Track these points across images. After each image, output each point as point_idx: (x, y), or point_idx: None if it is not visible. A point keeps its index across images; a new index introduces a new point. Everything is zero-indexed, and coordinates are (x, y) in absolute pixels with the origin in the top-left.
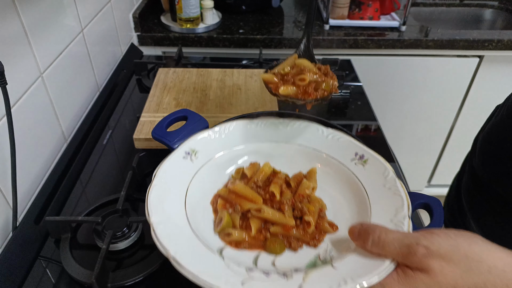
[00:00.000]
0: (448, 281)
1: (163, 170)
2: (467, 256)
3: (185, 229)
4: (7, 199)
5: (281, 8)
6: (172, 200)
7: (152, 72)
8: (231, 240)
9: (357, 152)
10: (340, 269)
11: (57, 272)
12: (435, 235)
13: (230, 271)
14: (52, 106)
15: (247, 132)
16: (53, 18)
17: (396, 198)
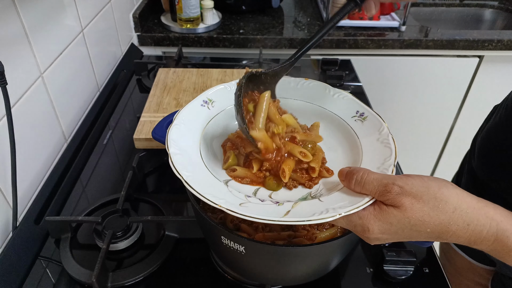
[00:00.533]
0: (416, 216)
1: (182, 114)
2: (435, 196)
3: (197, 161)
4: (7, 199)
5: (281, 8)
6: (189, 138)
7: (152, 72)
8: (235, 175)
9: (358, 110)
10: (326, 202)
11: (57, 272)
12: (410, 177)
13: (231, 195)
14: (52, 106)
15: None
16: (53, 18)
17: (386, 150)
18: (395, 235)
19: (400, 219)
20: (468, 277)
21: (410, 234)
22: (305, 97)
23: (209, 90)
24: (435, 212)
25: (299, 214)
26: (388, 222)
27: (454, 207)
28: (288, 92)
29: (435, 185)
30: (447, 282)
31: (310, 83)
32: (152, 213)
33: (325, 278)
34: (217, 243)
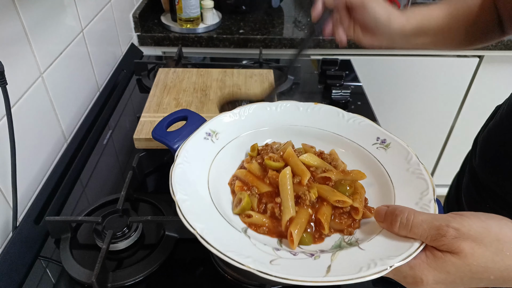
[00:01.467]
0: (478, 263)
1: (185, 150)
2: (498, 238)
3: (209, 207)
4: (7, 199)
5: (281, 8)
6: (195, 179)
7: (152, 72)
8: (251, 221)
9: (379, 137)
10: (368, 250)
11: (57, 272)
12: (465, 217)
13: (258, 250)
14: (52, 106)
15: (267, 114)
16: (53, 18)
17: (420, 182)
18: (452, 284)
19: (459, 266)
20: None
21: (470, 283)
22: (316, 123)
23: (212, 120)
24: (500, 256)
25: (342, 269)
26: (445, 271)
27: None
28: (297, 118)
29: (495, 225)
30: None
31: (320, 107)
32: (152, 213)
33: None
34: None
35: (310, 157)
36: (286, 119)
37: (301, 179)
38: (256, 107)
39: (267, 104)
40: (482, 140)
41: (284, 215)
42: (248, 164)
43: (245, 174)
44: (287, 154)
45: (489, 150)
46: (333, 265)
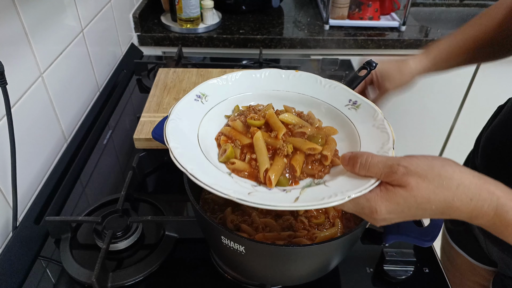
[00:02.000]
0: (422, 194)
1: (177, 108)
2: (440, 174)
3: (199, 155)
4: (7, 199)
5: (281, 8)
6: (186, 133)
7: (152, 72)
8: (234, 167)
9: (351, 99)
10: (332, 187)
11: (57, 272)
12: (414, 157)
13: (238, 185)
14: (52, 106)
15: (252, 80)
16: (53, 18)
17: (383, 135)
18: (402, 214)
19: (407, 198)
20: (469, 277)
21: (415, 213)
22: (296, 88)
23: (202, 84)
24: (440, 189)
25: (309, 199)
26: (395, 202)
27: (457, 184)
28: (279, 84)
29: (438, 164)
30: (447, 282)
31: (301, 74)
32: (152, 213)
33: (325, 278)
34: (217, 243)
35: (289, 116)
36: (270, 84)
37: (277, 133)
38: (242, 74)
39: (252, 71)
40: (485, 140)
41: (261, 167)
42: (232, 122)
43: (229, 130)
44: (269, 115)
45: (492, 150)
46: (301, 196)
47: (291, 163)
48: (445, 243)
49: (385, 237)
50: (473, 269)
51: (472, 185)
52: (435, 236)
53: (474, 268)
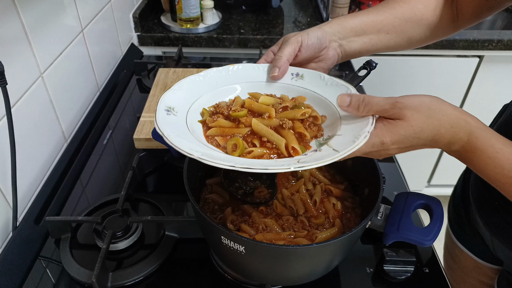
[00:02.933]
0: (417, 124)
1: (160, 124)
2: (429, 107)
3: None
4: (7, 199)
5: (281, 8)
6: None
7: (152, 72)
8: (254, 155)
9: (293, 72)
10: (343, 135)
11: (57, 272)
12: (408, 96)
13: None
14: (52, 106)
15: (201, 84)
16: (53, 18)
17: (340, 87)
18: (402, 144)
19: (406, 128)
20: (473, 276)
21: (412, 142)
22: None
23: (163, 99)
24: (430, 119)
25: (321, 156)
26: (398, 133)
27: (442, 114)
28: (256, 76)
29: (427, 99)
30: (447, 282)
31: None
32: (152, 213)
33: (325, 278)
34: (217, 243)
35: (266, 98)
36: (249, 77)
37: (269, 114)
38: (216, 71)
39: (222, 68)
40: None
41: (280, 144)
42: (215, 122)
43: (218, 130)
44: (248, 103)
45: None
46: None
47: (298, 131)
48: (449, 241)
49: (385, 237)
50: (478, 267)
51: (453, 116)
52: (435, 236)
53: (479, 267)
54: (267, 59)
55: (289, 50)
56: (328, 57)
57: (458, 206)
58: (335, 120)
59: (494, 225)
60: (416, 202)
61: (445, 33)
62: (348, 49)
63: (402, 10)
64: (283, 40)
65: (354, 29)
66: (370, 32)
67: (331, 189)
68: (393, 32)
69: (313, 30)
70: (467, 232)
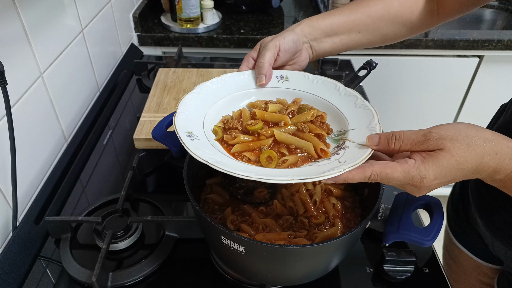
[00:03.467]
0: (459, 153)
1: (188, 147)
2: (467, 134)
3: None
4: (7, 199)
5: (281, 8)
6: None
7: (152, 72)
8: (290, 164)
9: (281, 75)
10: (358, 128)
11: (57, 272)
12: (441, 125)
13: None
14: (52, 106)
15: (239, 81)
16: (53, 18)
17: (367, 112)
18: (444, 178)
19: (449, 159)
20: (473, 276)
21: (455, 174)
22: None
23: (180, 126)
24: (472, 147)
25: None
26: (440, 165)
27: (483, 140)
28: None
29: (463, 126)
30: (447, 282)
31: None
32: (152, 213)
33: (325, 278)
34: (217, 243)
35: (273, 106)
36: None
37: (285, 122)
38: (210, 84)
39: (214, 81)
40: None
41: (309, 149)
42: (236, 140)
43: (242, 146)
44: (260, 114)
45: None
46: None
47: (315, 133)
48: (448, 241)
49: (385, 237)
50: (477, 267)
51: (495, 141)
52: (435, 236)
53: (478, 267)
54: (248, 66)
55: (269, 56)
56: (301, 59)
57: (457, 206)
58: (337, 115)
59: (494, 225)
60: (416, 202)
61: (423, 28)
62: (318, 50)
63: (376, 8)
64: (260, 45)
65: (324, 30)
66: (341, 33)
67: (331, 189)
68: (365, 31)
69: (288, 34)
70: (466, 232)
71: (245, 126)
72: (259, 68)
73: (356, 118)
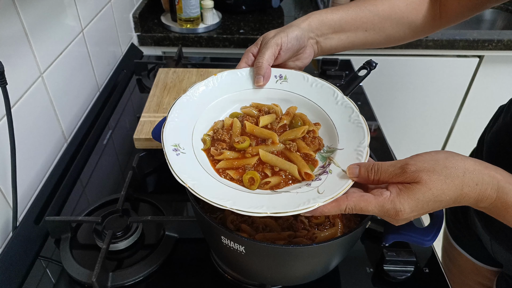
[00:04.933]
0: (436, 186)
1: (171, 163)
2: (446, 166)
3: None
4: (7, 199)
5: (281, 8)
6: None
7: (152, 72)
8: (272, 186)
9: (276, 74)
10: (346, 148)
11: (57, 272)
12: (418, 155)
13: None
14: (52, 106)
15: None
16: (53, 18)
17: (359, 130)
18: (422, 210)
19: (424, 192)
20: (472, 278)
21: (433, 206)
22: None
23: (166, 139)
24: (450, 179)
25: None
26: (415, 198)
27: (463, 171)
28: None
29: (442, 156)
30: (447, 282)
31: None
32: (152, 213)
33: (325, 278)
34: (217, 243)
35: (264, 119)
36: (249, 83)
37: (272, 140)
38: (204, 86)
39: (208, 81)
40: (490, 140)
41: (293, 172)
42: (222, 156)
43: (227, 163)
44: (249, 128)
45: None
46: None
47: (303, 152)
48: (447, 243)
49: (385, 237)
50: (476, 269)
51: (476, 171)
52: (435, 236)
53: (477, 268)
54: (247, 62)
55: (269, 55)
56: (305, 56)
57: (455, 208)
58: (329, 126)
59: (493, 228)
60: None
61: (426, 32)
62: (324, 46)
63: (383, 7)
64: (262, 40)
65: (332, 26)
66: (348, 30)
67: None
68: (371, 30)
69: (292, 30)
70: (465, 234)
71: (232, 143)
72: (258, 68)
73: (347, 135)
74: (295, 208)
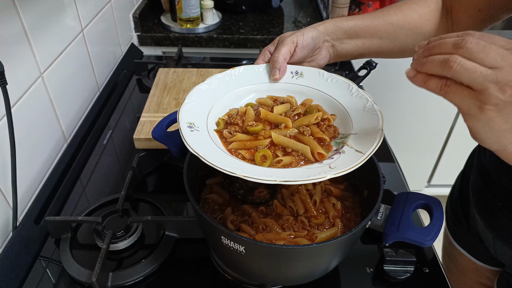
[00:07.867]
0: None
1: (186, 139)
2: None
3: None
4: (7, 199)
5: (281, 8)
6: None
7: (152, 72)
8: (284, 164)
9: (292, 71)
10: (360, 133)
11: (57, 272)
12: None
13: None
14: (52, 106)
15: (226, 84)
16: (53, 18)
17: (373, 116)
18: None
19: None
20: (472, 277)
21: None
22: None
23: (182, 115)
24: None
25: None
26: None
27: None
28: (255, 79)
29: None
30: (447, 282)
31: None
32: (152, 213)
33: (325, 278)
34: (217, 243)
35: (279, 108)
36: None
37: (285, 124)
38: (219, 77)
39: (225, 73)
40: None
41: (305, 152)
42: (234, 137)
43: (239, 144)
44: (264, 114)
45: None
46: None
47: (317, 137)
48: (447, 243)
49: (385, 237)
50: (476, 269)
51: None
52: (435, 236)
53: (477, 268)
54: (264, 59)
55: (285, 50)
56: (321, 57)
57: (456, 208)
58: (344, 117)
59: (497, 226)
60: (416, 202)
61: None
62: (340, 50)
63: (397, 17)
64: (278, 39)
65: (347, 31)
66: (364, 36)
67: (331, 189)
68: (386, 38)
69: (308, 30)
70: (466, 234)
71: (245, 127)
72: (274, 62)
73: (361, 122)
74: (305, 178)
